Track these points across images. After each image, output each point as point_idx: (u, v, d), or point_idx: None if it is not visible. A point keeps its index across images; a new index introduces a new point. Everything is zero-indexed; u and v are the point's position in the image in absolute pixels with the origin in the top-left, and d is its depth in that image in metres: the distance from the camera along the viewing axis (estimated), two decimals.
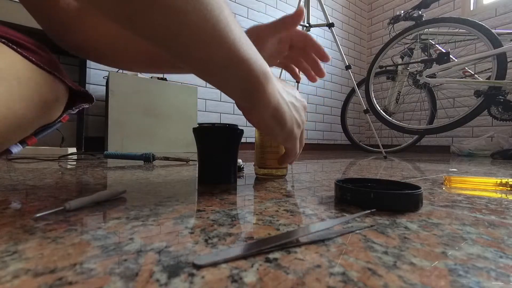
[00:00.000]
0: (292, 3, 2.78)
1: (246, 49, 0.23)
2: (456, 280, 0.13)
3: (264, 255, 0.15)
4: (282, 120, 0.30)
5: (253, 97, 0.26)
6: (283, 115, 0.30)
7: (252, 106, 0.28)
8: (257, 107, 0.27)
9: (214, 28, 0.20)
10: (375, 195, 0.26)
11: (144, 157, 0.75)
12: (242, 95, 0.26)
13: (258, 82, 0.25)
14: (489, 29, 1.36)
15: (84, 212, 0.23)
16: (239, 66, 0.23)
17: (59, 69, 0.34)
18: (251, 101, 0.27)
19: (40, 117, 0.32)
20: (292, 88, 0.35)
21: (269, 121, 0.29)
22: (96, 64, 1.75)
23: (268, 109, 0.28)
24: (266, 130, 0.31)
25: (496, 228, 0.21)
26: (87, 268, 0.13)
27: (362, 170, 0.70)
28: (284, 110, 0.30)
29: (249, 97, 0.27)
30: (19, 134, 0.31)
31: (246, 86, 0.25)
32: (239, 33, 0.22)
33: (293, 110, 0.32)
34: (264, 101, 0.27)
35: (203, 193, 0.33)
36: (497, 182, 0.41)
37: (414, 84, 1.71)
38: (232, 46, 0.22)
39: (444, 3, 2.70)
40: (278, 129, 0.31)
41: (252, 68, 0.24)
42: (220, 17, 0.20)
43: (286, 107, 0.30)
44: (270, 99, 0.27)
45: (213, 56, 0.22)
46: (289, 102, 0.31)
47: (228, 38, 0.21)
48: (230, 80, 0.24)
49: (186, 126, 1.74)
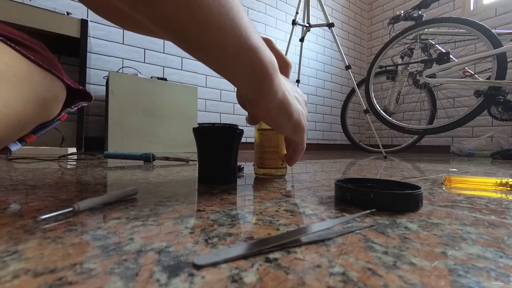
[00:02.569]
0: (292, 3, 2.78)
1: (256, 38, 0.23)
2: (456, 280, 0.13)
3: (264, 255, 0.15)
4: (288, 111, 0.30)
5: (262, 86, 0.26)
6: (290, 106, 0.30)
7: (259, 97, 0.27)
8: (264, 98, 0.27)
9: (228, 14, 0.20)
10: (375, 195, 0.26)
11: (144, 157, 0.75)
12: (250, 85, 0.26)
13: (267, 72, 0.25)
14: (489, 29, 1.36)
15: (84, 212, 0.23)
16: (250, 54, 0.23)
17: (57, 67, 0.34)
18: (259, 92, 0.27)
19: (38, 115, 0.32)
20: (293, 84, 0.35)
21: (276, 112, 0.29)
22: (96, 64, 1.75)
23: (275, 100, 0.28)
24: (273, 122, 0.31)
25: (496, 228, 0.21)
26: (87, 268, 0.13)
27: (362, 170, 0.70)
28: (290, 102, 0.30)
29: (257, 87, 0.26)
30: (17, 132, 0.31)
31: (255, 75, 0.25)
32: (249, 21, 0.22)
33: (297, 103, 0.32)
34: (272, 91, 0.27)
35: (203, 193, 0.33)
36: (497, 182, 0.41)
37: (414, 84, 1.71)
38: (244, 33, 0.22)
39: (444, 3, 2.70)
40: (285, 121, 0.31)
41: (262, 57, 0.24)
42: (233, 4, 0.20)
43: (292, 99, 0.30)
44: (277, 89, 0.27)
45: (226, 42, 0.21)
46: (293, 95, 0.31)
47: (241, 25, 0.21)
48: (239, 68, 0.24)
49: (186, 126, 1.74)
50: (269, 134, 0.46)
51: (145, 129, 1.57)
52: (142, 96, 1.56)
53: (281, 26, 2.71)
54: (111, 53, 1.80)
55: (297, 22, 1.55)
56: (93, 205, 0.24)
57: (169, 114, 1.68)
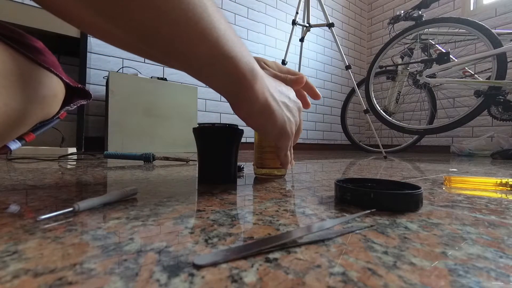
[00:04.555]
0: (292, 3, 2.78)
1: (231, 46, 0.23)
2: (456, 280, 0.13)
3: (264, 255, 0.15)
4: (271, 117, 0.30)
5: (240, 93, 0.26)
6: (273, 113, 0.30)
7: (239, 102, 0.28)
8: (244, 103, 0.27)
9: (197, 25, 0.20)
10: (375, 195, 0.26)
11: (144, 157, 0.75)
12: (229, 91, 0.27)
13: (245, 79, 0.25)
14: (489, 29, 1.36)
15: (84, 212, 0.23)
16: (224, 63, 0.23)
17: (56, 65, 0.34)
18: (238, 97, 0.27)
19: (37, 113, 0.32)
20: (288, 88, 0.34)
21: (257, 117, 0.29)
22: (96, 64, 1.75)
23: (255, 106, 0.28)
24: (256, 126, 0.31)
25: (496, 228, 0.21)
26: (87, 268, 0.13)
27: (362, 170, 0.70)
28: (274, 108, 0.30)
29: (235, 94, 0.27)
30: (16, 130, 0.31)
31: (233, 82, 0.25)
32: (224, 30, 0.22)
33: (284, 109, 0.32)
34: (252, 98, 0.27)
35: (203, 193, 0.33)
36: (497, 182, 0.41)
37: (414, 84, 1.71)
38: (216, 43, 0.22)
39: (444, 3, 2.70)
40: (269, 126, 0.31)
41: (238, 65, 0.24)
42: (203, 15, 0.20)
43: (276, 105, 0.30)
44: (258, 96, 0.27)
45: (196, 52, 0.22)
46: (280, 102, 0.31)
47: (211, 35, 0.21)
48: (215, 76, 0.24)
49: (186, 126, 1.74)
50: None
51: (145, 129, 1.57)
52: (142, 96, 1.56)
53: (281, 26, 2.71)
54: (111, 53, 1.81)
55: (297, 22, 1.55)
56: (93, 205, 0.24)
57: (169, 114, 1.68)
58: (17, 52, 0.29)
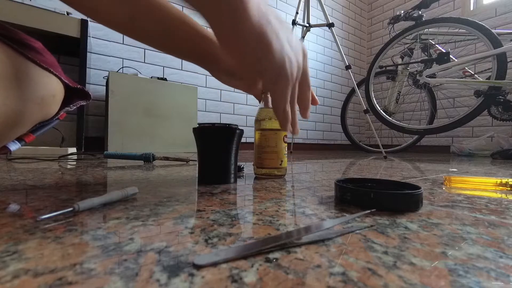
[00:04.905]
0: (292, 3, 2.78)
1: None
2: (456, 280, 0.13)
3: (264, 255, 0.15)
4: (268, 48, 0.25)
5: (231, 14, 0.23)
6: (270, 44, 0.25)
7: (231, 28, 0.24)
8: (235, 15, 0.23)
9: None
10: (375, 195, 0.26)
11: (144, 157, 0.75)
12: (219, 13, 0.23)
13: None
14: (489, 29, 1.36)
15: (84, 212, 0.23)
16: None
17: (55, 65, 0.34)
18: (230, 11, 0.23)
19: (37, 114, 0.32)
20: (291, 33, 0.29)
21: (248, 40, 0.24)
22: (96, 64, 1.75)
23: (248, 22, 0.23)
24: (250, 61, 0.26)
25: (496, 228, 0.21)
26: (87, 268, 0.13)
27: (362, 170, 0.70)
28: (271, 38, 0.25)
29: (227, 15, 0.23)
30: (15, 130, 0.31)
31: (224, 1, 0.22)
32: None
33: (285, 45, 0.27)
34: (246, 10, 0.23)
35: (203, 193, 0.33)
36: (497, 182, 0.41)
37: (414, 84, 1.71)
38: None
39: (444, 3, 2.70)
40: (266, 62, 0.25)
41: None
42: None
43: (274, 37, 0.25)
44: (253, 11, 0.23)
45: None
46: (280, 34, 0.26)
47: None
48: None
49: (186, 126, 1.74)
50: (268, 134, 0.46)
51: (145, 129, 1.57)
52: (142, 96, 1.56)
53: None
54: (111, 53, 1.80)
55: (297, 22, 1.55)
56: (93, 205, 0.24)
57: (169, 114, 1.67)
58: (15, 52, 0.29)
